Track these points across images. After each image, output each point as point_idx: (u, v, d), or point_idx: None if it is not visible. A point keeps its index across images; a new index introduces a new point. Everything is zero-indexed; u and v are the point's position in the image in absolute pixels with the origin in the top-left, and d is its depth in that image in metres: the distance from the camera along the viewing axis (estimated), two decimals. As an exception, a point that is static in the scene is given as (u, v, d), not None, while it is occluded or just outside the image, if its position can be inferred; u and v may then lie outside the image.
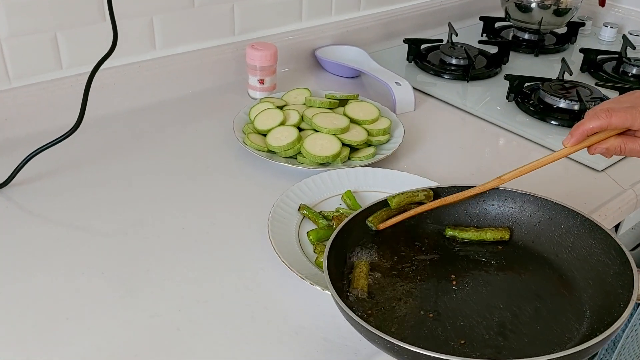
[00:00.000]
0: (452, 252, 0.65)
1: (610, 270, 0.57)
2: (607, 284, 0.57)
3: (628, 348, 1.04)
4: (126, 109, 0.97)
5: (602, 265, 0.59)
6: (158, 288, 0.63)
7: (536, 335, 0.54)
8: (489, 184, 0.65)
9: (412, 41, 1.20)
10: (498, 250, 0.65)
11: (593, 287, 0.58)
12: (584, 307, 0.57)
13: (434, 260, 0.64)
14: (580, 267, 0.61)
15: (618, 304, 0.53)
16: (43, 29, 0.87)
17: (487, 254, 0.65)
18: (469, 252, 0.65)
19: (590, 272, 0.59)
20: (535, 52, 1.28)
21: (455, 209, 0.67)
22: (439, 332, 0.54)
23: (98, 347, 0.56)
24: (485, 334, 0.54)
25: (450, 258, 0.64)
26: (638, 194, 0.84)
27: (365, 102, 0.94)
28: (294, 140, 0.83)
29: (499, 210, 0.67)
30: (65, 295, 0.62)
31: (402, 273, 0.62)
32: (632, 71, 1.18)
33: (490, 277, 0.62)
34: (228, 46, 1.07)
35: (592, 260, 0.60)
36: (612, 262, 0.58)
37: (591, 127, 0.60)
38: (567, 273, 0.61)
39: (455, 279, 0.61)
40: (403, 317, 0.56)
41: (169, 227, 0.72)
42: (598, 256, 0.60)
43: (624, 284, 0.54)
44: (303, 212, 0.72)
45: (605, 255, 0.59)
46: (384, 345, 0.49)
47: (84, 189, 0.78)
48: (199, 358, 0.55)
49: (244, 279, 0.65)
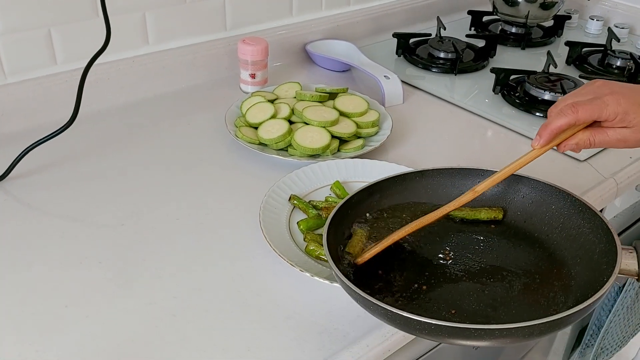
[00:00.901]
0: (447, 230, 0.67)
1: (597, 248, 0.60)
2: (594, 261, 0.59)
3: (611, 333, 1.07)
4: (120, 103, 0.99)
5: (589, 244, 0.61)
6: (154, 276, 0.65)
7: (524, 307, 0.57)
8: (463, 198, 0.64)
9: (400, 35, 1.23)
10: (491, 229, 0.68)
11: (580, 264, 0.61)
12: (571, 282, 0.59)
13: (429, 236, 0.66)
14: (569, 246, 0.63)
15: (602, 279, 0.55)
16: (37, 25, 0.89)
17: (480, 232, 0.67)
18: (463, 230, 0.67)
19: (579, 250, 0.62)
20: (522, 45, 1.30)
21: (451, 190, 0.69)
22: (431, 303, 0.57)
23: (95, 334, 0.58)
24: (475, 305, 0.57)
25: (445, 235, 0.66)
26: (618, 182, 0.86)
27: (355, 96, 0.97)
28: (285, 133, 0.85)
29: (493, 191, 0.69)
30: (63, 285, 0.64)
31: (397, 246, 0.64)
32: (616, 63, 1.20)
33: (482, 253, 0.64)
34: (220, 41, 1.08)
35: (580, 239, 0.62)
36: (598, 240, 0.60)
37: (559, 126, 0.60)
38: (557, 251, 0.64)
39: (448, 254, 0.64)
40: (397, 287, 0.59)
41: (163, 218, 0.74)
42: (586, 235, 0.62)
43: (609, 260, 0.57)
44: (293, 202, 0.74)
45: (593, 234, 0.61)
46: (378, 311, 0.52)
47: (80, 182, 0.80)
48: (194, 343, 0.58)
49: (237, 267, 0.67)
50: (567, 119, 0.59)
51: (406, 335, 0.61)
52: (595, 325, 1.09)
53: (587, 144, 0.61)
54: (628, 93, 0.60)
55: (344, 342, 0.58)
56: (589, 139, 0.61)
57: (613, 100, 0.59)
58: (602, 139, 0.61)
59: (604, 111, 0.59)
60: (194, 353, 0.57)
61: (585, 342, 1.13)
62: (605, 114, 0.59)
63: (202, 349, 0.57)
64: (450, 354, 0.73)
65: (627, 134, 0.60)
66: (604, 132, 0.60)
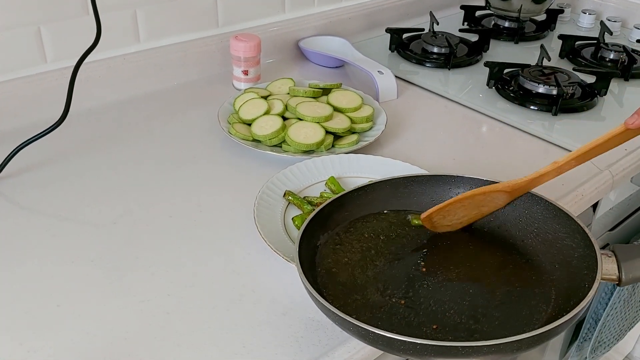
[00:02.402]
0: (418, 239, 0.65)
1: (575, 252, 0.59)
2: (573, 266, 0.58)
3: (608, 326, 1.07)
4: (112, 101, 0.98)
5: (567, 249, 0.60)
6: (147, 274, 0.64)
7: (507, 317, 0.55)
8: (544, 170, 0.62)
9: (394, 31, 1.22)
10: (465, 236, 0.66)
11: (559, 270, 0.59)
12: (551, 289, 0.58)
13: (400, 247, 0.64)
14: (546, 252, 0.62)
15: (583, 285, 0.54)
16: (27, 23, 0.88)
17: (454, 240, 0.65)
18: (436, 239, 0.65)
19: (556, 255, 0.60)
20: (516, 39, 1.30)
21: (422, 197, 0.68)
22: (411, 318, 0.55)
23: (88, 332, 0.57)
24: (457, 319, 0.55)
25: (416, 245, 0.65)
26: (614, 174, 0.86)
27: (348, 91, 0.96)
28: (279, 129, 0.85)
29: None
30: (55, 283, 0.63)
31: (371, 261, 0.62)
32: (609, 56, 1.20)
33: (458, 262, 0.62)
34: (212, 38, 1.08)
35: (557, 244, 0.61)
36: (576, 245, 0.59)
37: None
38: (534, 257, 0.62)
39: (424, 266, 0.62)
40: (374, 304, 0.57)
41: (156, 215, 0.73)
42: (563, 240, 0.61)
43: (589, 264, 0.56)
44: (288, 198, 0.74)
45: (570, 238, 0.60)
46: (358, 332, 0.50)
47: (72, 180, 0.79)
48: (188, 341, 0.57)
49: (232, 263, 0.66)
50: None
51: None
52: (592, 318, 1.09)
53: None
54: None
55: (341, 337, 0.57)
56: None
57: None
58: None
59: None
60: (188, 351, 0.56)
61: (582, 336, 1.13)
62: None
63: (197, 347, 0.56)
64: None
65: None
66: None
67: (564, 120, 0.99)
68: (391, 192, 0.68)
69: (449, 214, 0.64)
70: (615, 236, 1.07)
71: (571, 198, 0.80)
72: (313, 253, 0.62)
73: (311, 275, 0.57)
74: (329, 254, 0.62)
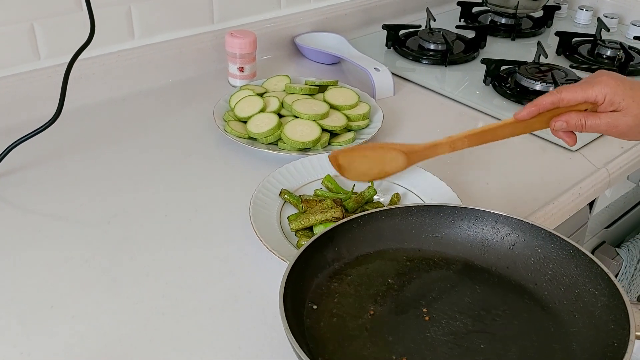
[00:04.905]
0: (422, 282, 0.58)
1: (598, 301, 0.51)
2: (596, 317, 0.51)
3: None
4: (106, 98, 0.97)
5: (588, 296, 0.53)
6: (142, 275, 0.64)
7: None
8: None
9: (390, 27, 1.21)
10: (469, 278, 0.58)
11: (580, 320, 0.52)
12: (572, 344, 0.50)
13: (401, 289, 0.57)
14: (563, 297, 0.54)
15: (612, 342, 0.47)
16: (20, 20, 0.87)
17: (458, 282, 0.58)
18: (439, 280, 0.58)
19: (575, 302, 0.53)
20: (512, 36, 1.29)
21: (420, 229, 0.61)
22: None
23: (82, 334, 0.57)
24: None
25: (419, 287, 0.57)
26: (610, 172, 0.86)
27: (345, 88, 0.95)
28: (275, 127, 0.84)
29: (470, 232, 0.61)
30: (48, 285, 0.62)
31: (365, 309, 0.54)
32: (606, 53, 1.20)
33: (465, 309, 0.54)
34: (207, 34, 1.07)
35: (576, 290, 0.54)
36: (599, 292, 0.52)
37: (542, 103, 0.61)
38: (550, 304, 0.55)
39: (426, 312, 0.54)
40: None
41: (151, 214, 0.73)
42: (582, 285, 0.53)
43: (616, 318, 0.48)
44: (284, 197, 0.73)
45: (592, 284, 0.53)
46: None
47: (65, 179, 0.78)
48: (183, 341, 0.56)
49: (228, 263, 0.66)
50: (550, 98, 0.61)
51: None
52: None
53: (578, 126, 0.62)
54: (621, 78, 0.61)
55: (337, 338, 0.57)
56: (580, 120, 0.61)
57: (601, 82, 0.60)
58: (593, 122, 0.61)
59: (588, 91, 0.60)
60: (184, 353, 0.55)
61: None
62: (591, 94, 0.60)
63: (193, 349, 0.56)
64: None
65: (618, 117, 0.61)
66: (596, 116, 0.61)
67: (560, 117, 0.99)
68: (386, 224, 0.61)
69: (354, 160, 0.64)
70: (612, 233, 1.07)
71: (568, 196, 0.80)
72: (302, 305, 0.53)
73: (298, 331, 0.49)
74: (320, 309, 0.54)
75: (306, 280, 0.55)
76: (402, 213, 0.62)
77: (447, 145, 0.64)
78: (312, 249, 0.56)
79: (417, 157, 0.64)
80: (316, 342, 0.51)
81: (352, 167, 0.64)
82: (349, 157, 0.64)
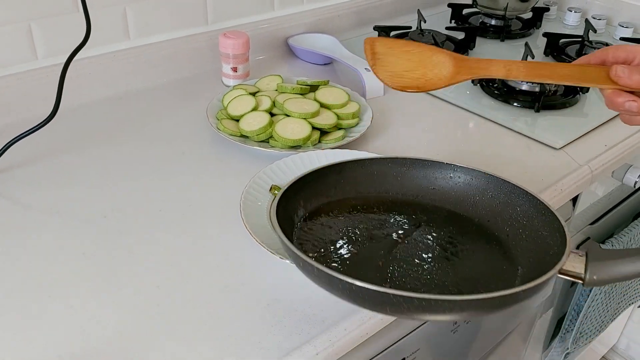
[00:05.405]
0: (402, 221, 0.66)
1: (550, 250, 0.58)
2: (545, 263, 0.57)
3: (590, 317, 1.10)
4: (102, 97, 0.99)
5: (546, 247, 0.59)
6: (137, 267, 0.66)
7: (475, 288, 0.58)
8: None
9: (381, 28, 1.24)
10: (453, 221, 0.66)
11: (531, 261, 0.60)
12: (516, 279, 0.59)
13: (381, 228, 0.65)
14: (525, 247, 0.62)
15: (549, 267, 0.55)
16: (17, 20, 0.89)
17: (440, 224, 0.66)
18: (422, 221, 0.66)
19: (534, 252, 0.60)
20: (502, 37, 1.32)
21: (422, 184, 0.69)
22: (396, 280, 0.58)
23: (81, 326, 0.59)
24: (427, 281, 0.58)
25: (400, 225, 0.65)
26: (593, 169, 0.88)
27: (335, 88, 0.98)
28: (266, 125, 0.86)
29: (464, 187, 0.68)
30: (46, 277, 0.64)
31: (349, 235, 0.63)
32: (593, 54, 1.22)
33: (438, 242, 0.64)
34: (202, 35, 1.09)
35: (538, 241, 0.61)
36: (554, 242, 0.59)
37: (609, 59, 0.58)
38: (513, 251, 0.62)
39: (403, 237, 0.63)
40: (346, 259, 0.59)
41: (146, 209, 0.75)
42: (545, 238, 0.60)
43: (558, 258, 0.56)
44: (274, 192, 0.75)
45: (551, 238, 0.60)
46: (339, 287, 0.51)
47: (62, 176, 0.81)
48: (178, 331, 0.59)
49: (220, 256, 0.68)
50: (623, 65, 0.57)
51: (383, 320, 0.62)
52: (575, 310, 1.11)
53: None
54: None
55: (322, 326, 0.59)
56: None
57: None
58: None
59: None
60: (179, 341, 0.58)
61: (565, 327, 1.15)
62: None
63: (185, 337, 0.58)
64: (426, 337, 0.75)
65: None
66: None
67: (546, 117, 1.01)
68: (393, 170, 0.69)
69: (393, 52, 0.60)
70: (597, 230, 1.10)
71: (550, 192, 0.82)
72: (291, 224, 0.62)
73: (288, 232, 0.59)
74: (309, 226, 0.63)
75: (306, 197, 0.65)
76: (408, 164, 0.69)
77: (502, 67, 0.59)
78: (317, 174, 0.66)
79: (467, 70, 0.60)
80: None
81: (387, 60, 0.60)
82: (388, 46, 0.59)
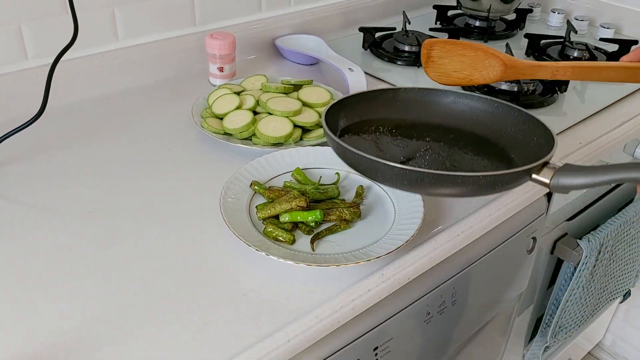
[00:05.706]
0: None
1: (540, 153, 0.64)
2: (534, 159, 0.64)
3: (568, 311, 1.12)
4: (91, 97, 1.02)
5: (541, 152, 0.64)
6: (122, 260, 0.68)
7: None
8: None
9: (367, 30, 1.26)
10: (457, 136, 0.73)
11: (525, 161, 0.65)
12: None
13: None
14: (520, 152, 0.69)
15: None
16: (7, 21, 0.92)
17: (456, 137, 0.74)
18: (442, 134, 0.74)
19: (528, 154, 0.66)
20: (485, 38, 1.34)
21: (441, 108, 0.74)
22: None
23: (68, 316, 0.61)
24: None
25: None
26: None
27: (319, 87, 1.00)
28: (249, 123, 0.89)
29: (453, 107, 0.73)
30: (34, 271, 0.67)
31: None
32: (573, 54, 1.25)
33: (448, 144, 0.72)
34: (189, 36, 1.12)
35: (531, 144, 0.67)
36: (547, 149, 0.64)
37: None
38: (512, 155, 0.69)
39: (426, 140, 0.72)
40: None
41: (131, 204, 0.77)
42: (541, 145, 0.66)
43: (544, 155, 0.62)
44: (254, 187, 0.78)
45: (547, 144, 0.65)
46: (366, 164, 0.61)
47: (51, 173, 0.83)
48: (157, 319, 0.61)
49: (200, 248, 0.71)
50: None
51: (355, 308, 0.65)
52: (554, 305, 1.14)
53: None
54: None
55: (296, 314, 0.62)
56: None
57: None
58: None
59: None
60: (157, 327, 0.60)
61: (545, 322, 1.18)
62: None
63: (163, 325, 0.60)
64: (399, 327, 0.77)
65: None
66: None
67: (524, 115, 1.04)
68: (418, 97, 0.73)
69: (449, 56, 0.65)
70: (574, 225, 1.12)
71: (522, 187, 0.84)
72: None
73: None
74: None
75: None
76: (421, 92, 0.73)
77: (549, 70, 0.62)
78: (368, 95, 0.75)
79: (515, 73, 0.65)
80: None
81: (440, 62, 0.66)
82: (445, 49, 0.64)
